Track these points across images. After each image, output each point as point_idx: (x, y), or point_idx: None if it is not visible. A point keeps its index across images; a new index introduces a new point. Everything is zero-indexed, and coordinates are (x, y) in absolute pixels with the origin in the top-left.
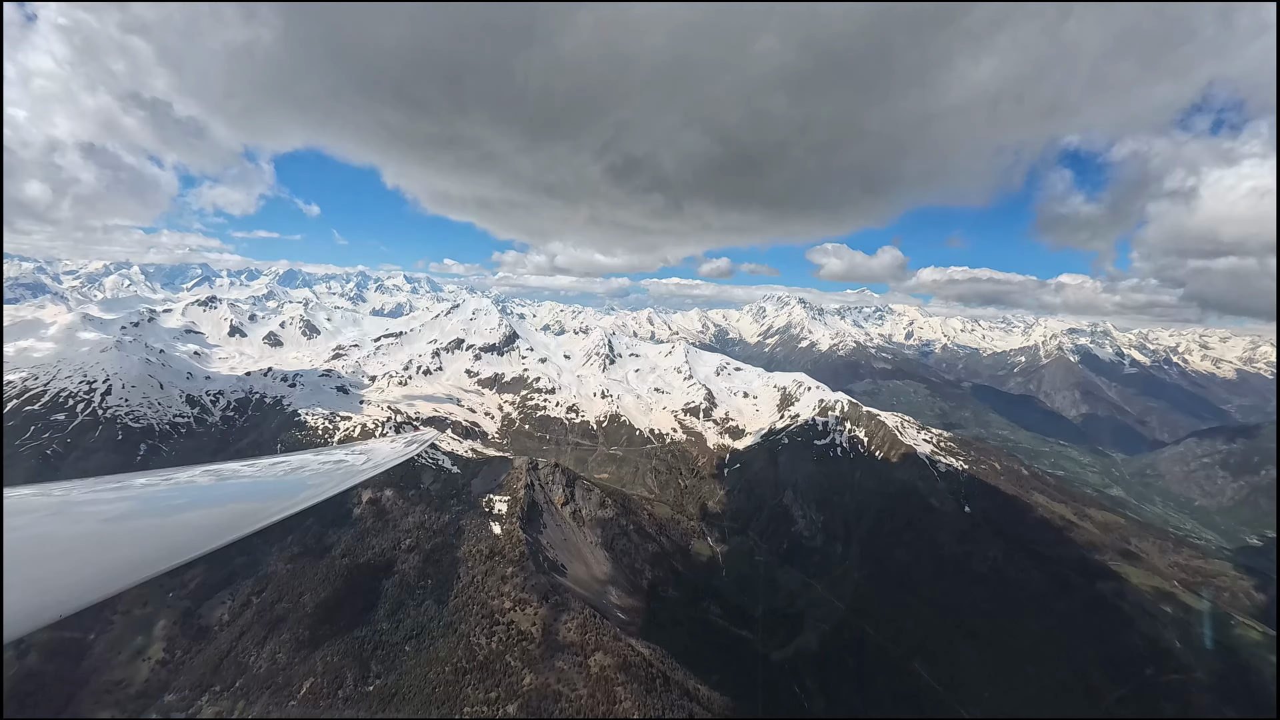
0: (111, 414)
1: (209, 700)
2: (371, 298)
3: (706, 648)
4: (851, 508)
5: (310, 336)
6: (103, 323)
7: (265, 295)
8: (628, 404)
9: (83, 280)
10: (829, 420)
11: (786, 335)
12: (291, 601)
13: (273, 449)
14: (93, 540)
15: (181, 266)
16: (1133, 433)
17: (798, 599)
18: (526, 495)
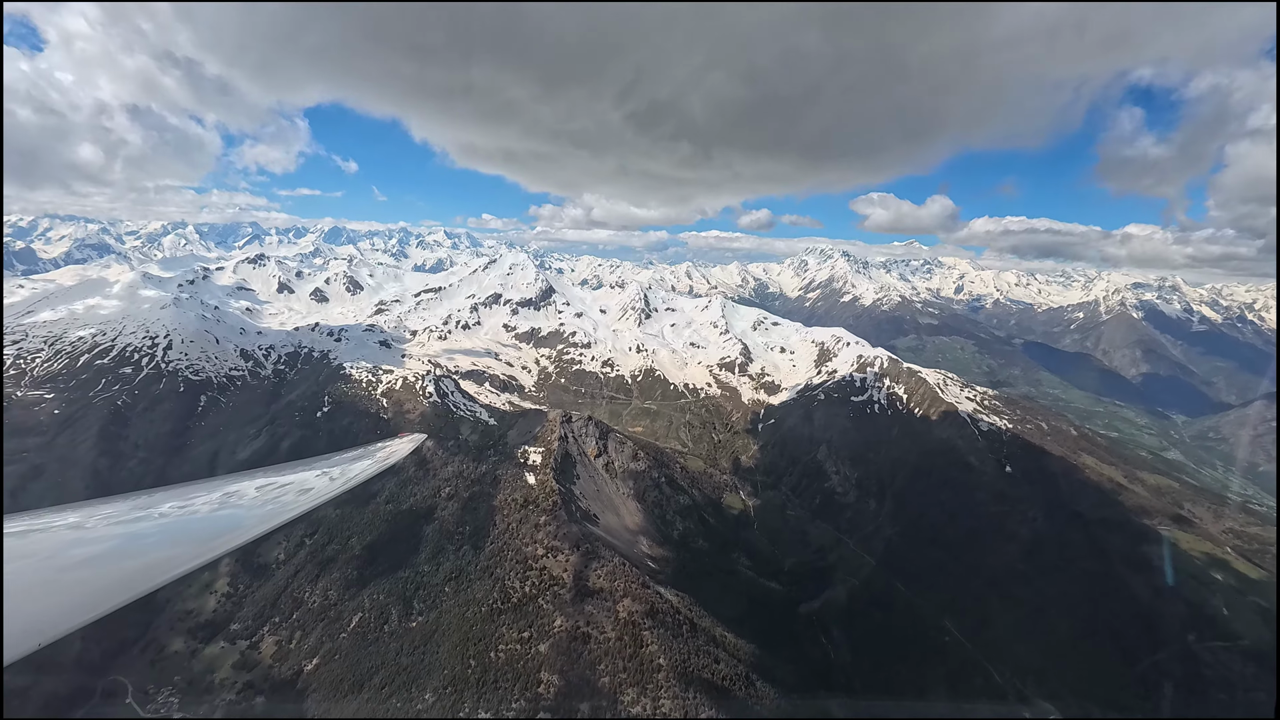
0: (173, 367)
1: (269, 630)
2: (413, 254)
3: (734, 597)
4: (886, 465)
5: (354, 292)
6: (161, 281)
7: (312, 252)
8: (663, 358)
9: (143, 240)
10: (867, 376)
11: (828, 289)
12: (340, 544)
13: (321, 402)
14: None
15: (233, 225)
16: (1197, 394)
17: (828, 553)
18: (560, 447)
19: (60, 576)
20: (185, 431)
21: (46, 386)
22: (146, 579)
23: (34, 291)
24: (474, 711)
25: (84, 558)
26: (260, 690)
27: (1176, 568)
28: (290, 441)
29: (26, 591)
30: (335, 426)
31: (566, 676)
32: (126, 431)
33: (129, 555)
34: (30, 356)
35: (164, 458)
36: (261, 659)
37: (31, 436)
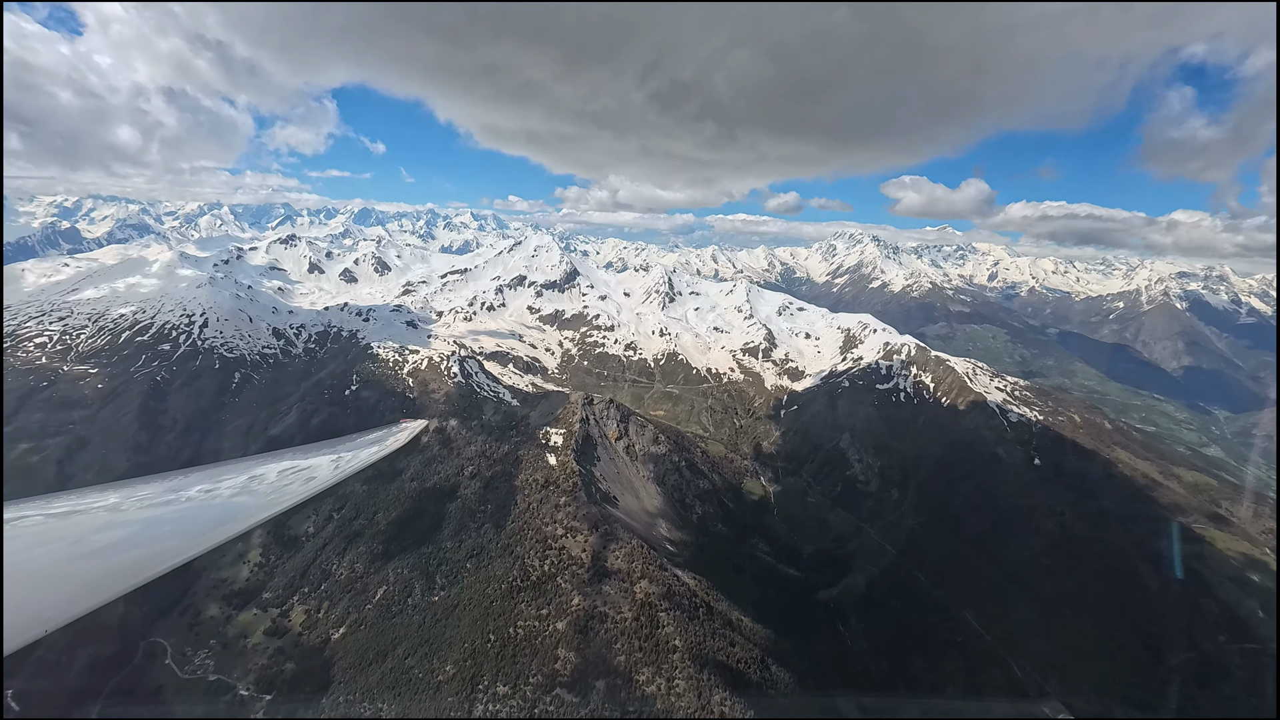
0: (209, 344)
1: (299, 599)
2: (440, 235)
3: (752, 582)
4: (911, 454)
5: (382, 273)
6: (198, 260)
7: (342, 233)
8: (686, 342)
9: (181, 221)
10: (893, 364)
11: (857, 275)
12: (367, 519)
13: (350, 380)
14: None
15: (266, 206)
16: (1241, 388)
17: (848, 541)
18: (581, 429)
19: (73, 565)
20: (220, 407)
21: (91, 362)
22: (149, 567)
23: (78, 270)
24: (492, 685)
25: (102, 544)
26: (290, 656)
27: (1212, 567)
28: (320, 418)
29: (44, 576)
30: (363, 405)
31: (583, 654)
32: (165, 406)
33: (138, 543)
34: (75, 332)
35: (200, 432)
36: (291, 626)
37: (77, 409)
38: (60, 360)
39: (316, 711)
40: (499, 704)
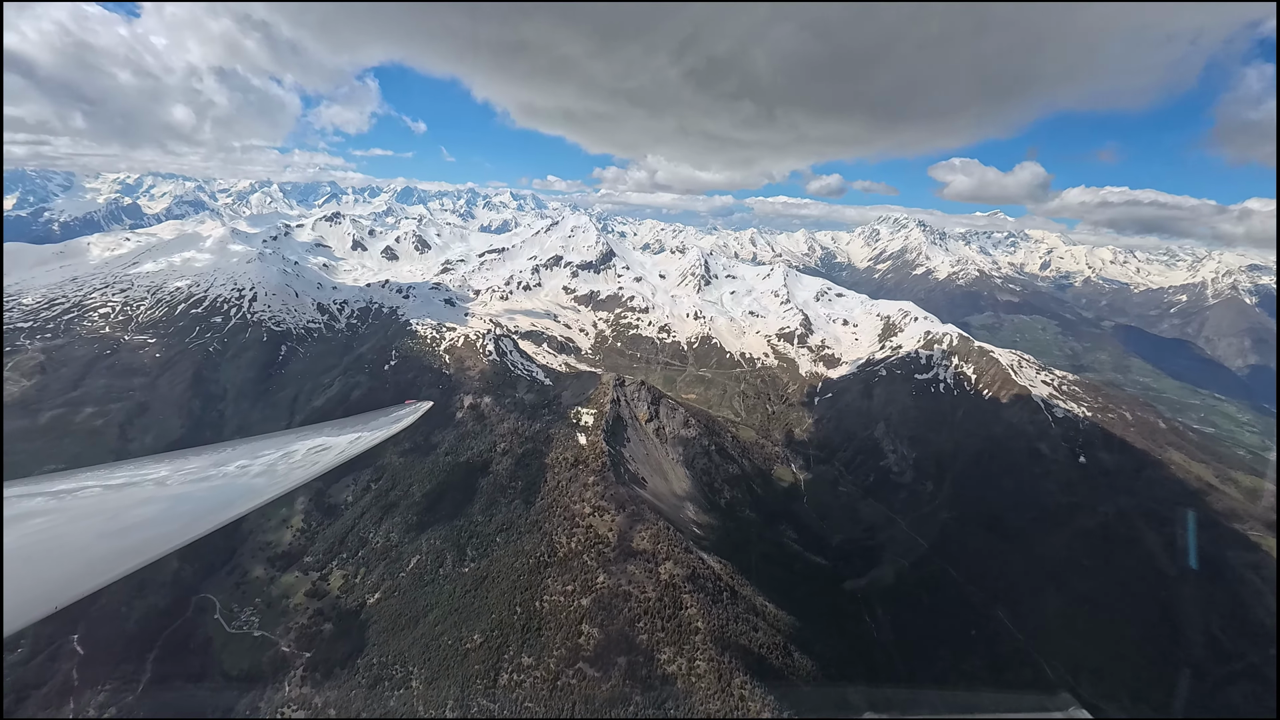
0: (258, 318)
1: (337, 564)
2: (480, 214)
3: (778, 569)
4: (948, 447)
5: (422, 251)
6: (248, 236)
7: (385, 212)
8: (720, 326)
9: (234, 198)
10: (934, 354)
11: (900, 261)
12: (403, 490)
13: (389, 355)
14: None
15: (313, 184)
16: None
17: (878, 532)
18: (612, 410)
19: (92, 541)
20: (267, 378)
21: (149, 332)
22: (155, 548)
23: (138, 245)
24: (518, 655)
25: (128, 523)
26: (329, 617)
27: (1265, 576)
28: (360, 392)
29: (71, 549)
30: (401, 379)
31: (606, 630)
32: (216, 376)
33: (156, 523)
34: (136, 304)
35: (249, 402)
36: (330, 590)
37: (137, 377)
38: (122, 330)
39: (351, 672)
40: (523, 674)
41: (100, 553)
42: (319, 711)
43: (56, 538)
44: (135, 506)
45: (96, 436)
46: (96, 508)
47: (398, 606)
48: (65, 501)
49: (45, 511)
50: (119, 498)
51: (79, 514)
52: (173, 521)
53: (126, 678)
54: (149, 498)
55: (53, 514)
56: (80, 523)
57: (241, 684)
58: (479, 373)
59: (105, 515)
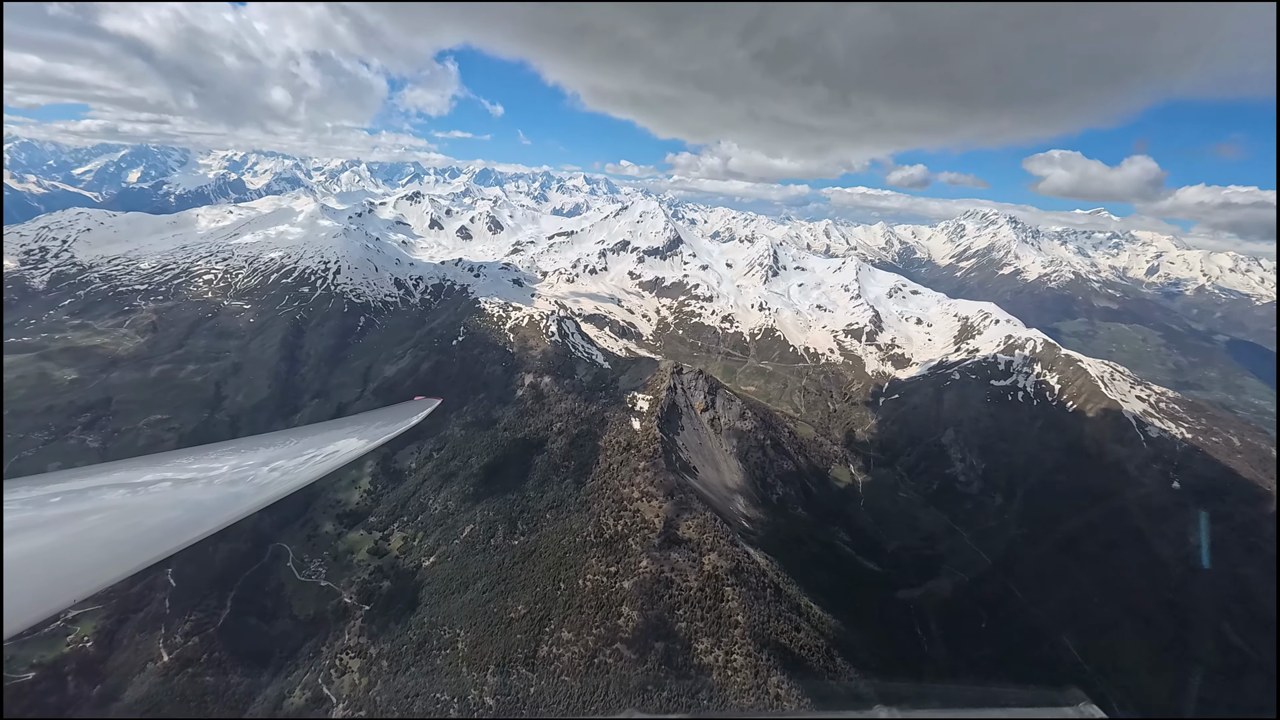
0: (340, 290)
1: (398, 527)
2: (553, 197)
3: (827, 570)
4: (1021, 459)
5: (495, 232)
6: (336, 213)
7: (462, 192)
8: (785, 319)
9: (326, 176)
10: (1014, 360)
11: (986, 259)
12: (462, 461)
13: (457, 331)
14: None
15: (398, 165)
16: None
17: (938, 543)
18: (668, 397)
19: (106, 537)
20: (346, 347)
21: (245, 298)
22: (162, 545)
23: (239, 217)
24: (558, 630)
25: (134, 521)
26: (387, 575)
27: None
28: (428, 365)
29: (87, 545)
30: (467, 355)
31: (645, 615)
32: (301, 342)
33: (165, 520)
34: (235, 272)
35: (328, 367)
36: (390, 549)
37: (233, 339)
38: (222, 295)
39: (404, 628)
40: (562, 648)
41: (112, 550)
42: (372, 662)
43: (74, 532)
44: (145, 504)
45: (196, 392)
46: (106, 504)
47: (450, 571)
48: (76, 501)
49: (59, 509)
50: (127, 496)
51: (93, 509)
52: (183, 518)
53: (209, 610)
54: (157, 496)
55: (70, 509)
56: (90, 518)
57: (307, 627)
58: (541, 353)
59: (115, 512)
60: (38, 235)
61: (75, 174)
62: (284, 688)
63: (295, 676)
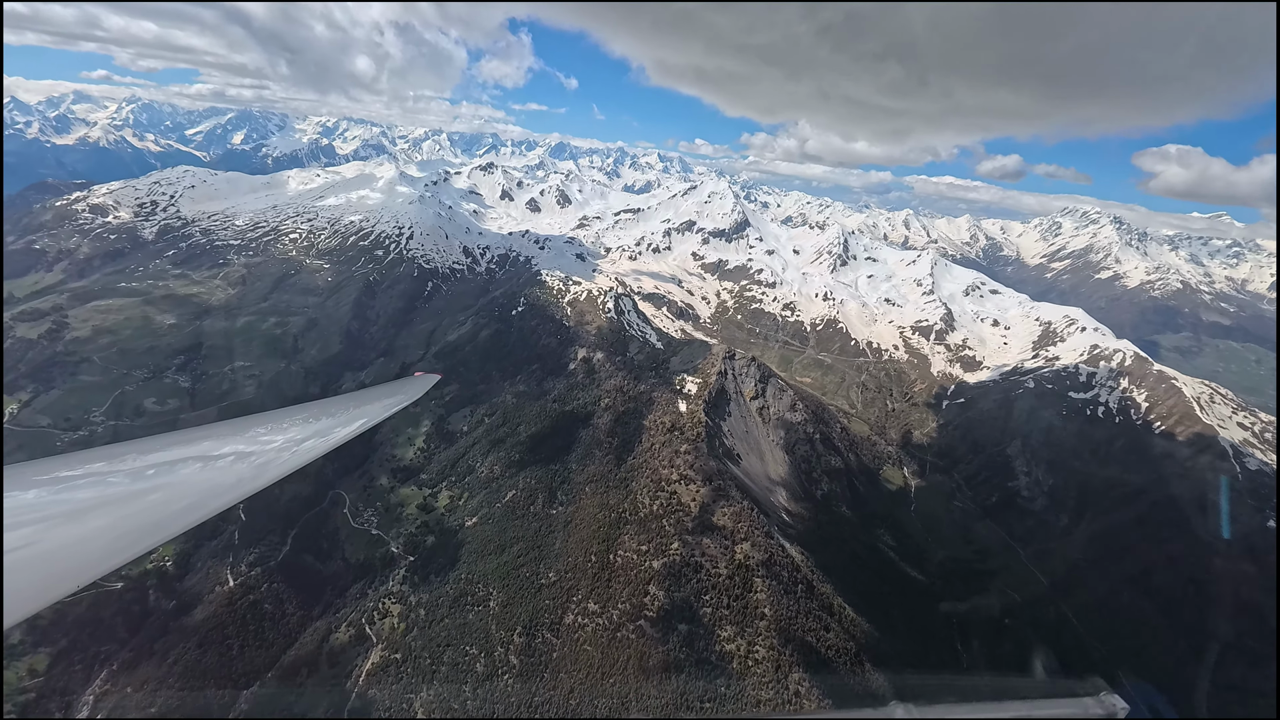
0: (411, 255)
1: (446, 486)
2: (625, 174)
3: (866, 573)
4: (1095, 479)
5: (563, 205)
6: (413, 180)
7: (536, 165)
8: (850, 310)
9: (409, 144)
10: (1098, 371)
11: (1081, 261)
12: (510, 428)
13: (517, 302)
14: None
15: (477, 135)
16: None
17: (990, 558)
18: (718, 382)
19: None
20: (413, 310)
21: (325, 258)
22: (163, 531)
23: (325, 181)
24: (585, 600)
25: (135, 508)
26: (433, 530)
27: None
28: (488, 333)
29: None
30: (525, 326)
31: (672, 596)
32: (373, 303)
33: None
34: (318, 232)
35: (395, 329)
36: (437, 507)
37: (311, 296)
38: (304, 254)
39: (442, 582)
40: (587, 619)
41: (104, 541)
42: (411, 609)
43: (69, 522)
44: (148, 488)
45: (275, 343)
46: (101, 496)
47: (490, 533)
48: (63, 492)
49: (47, 501)
50: (127, 481)
51: (82, 503)
52: (181, 502)
53: (272, 545)
54: (163, 479)
55: (64, 499)
56: (82, 512)
57: (356, 570)
58: (596, 328)
59: (112, 501)
60: (149, 190)
61: (188, 134)
62: (331, 624)
63: (342, 614)
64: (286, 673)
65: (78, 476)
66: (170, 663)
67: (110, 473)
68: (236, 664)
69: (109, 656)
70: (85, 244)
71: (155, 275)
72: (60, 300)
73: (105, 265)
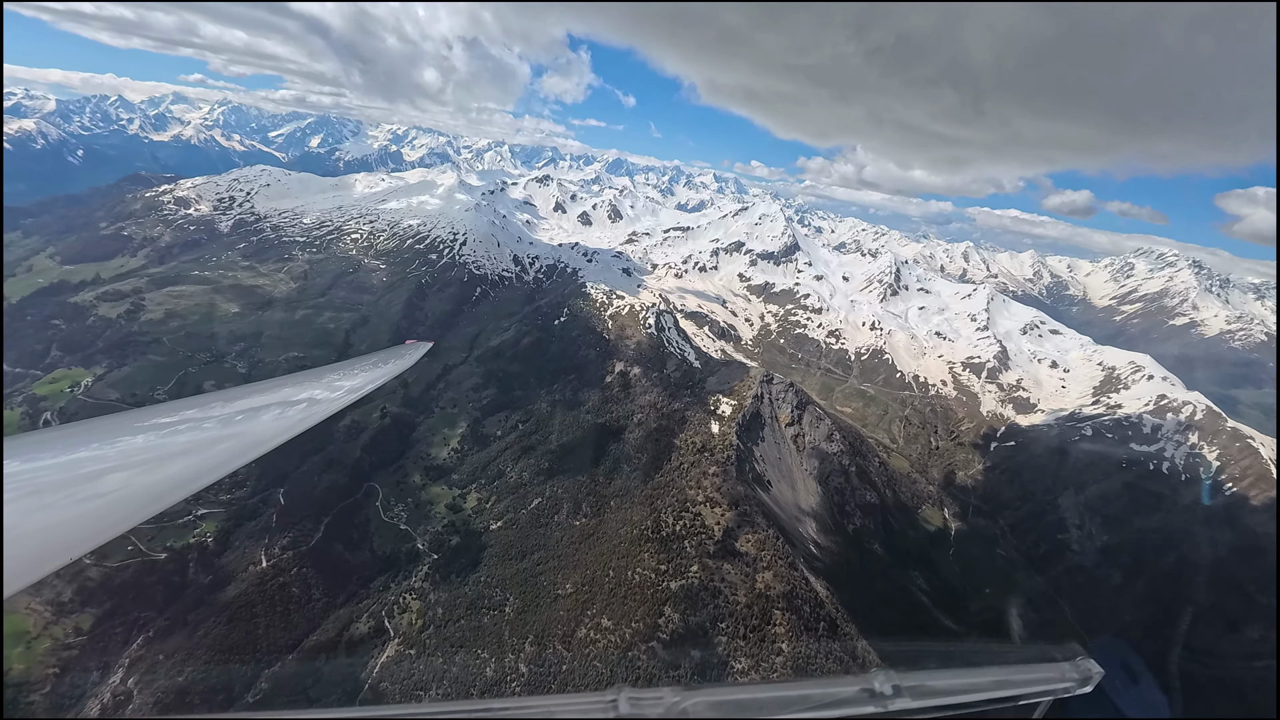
0: (463, 260)
1: (475, 488)
2: (680, 192)
3: (896, 616)
4: (1156, 539)
5: (614, 220)
6: (472, 188)
7: (593, 180)
8: (897, 342)
9: (473, 154)
10: (1164, 424)
11: (1155, 306)
12: (543, 436)
13: (560, 312)
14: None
15: (537, 148)
16: None
17: (1033, 611)
18: (753, 405)
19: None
20: (459, 313)
21: (382, 259)
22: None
23: (388, 186)
24: (599, 615)
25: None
26: (458, 531)
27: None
28: (529, 340)
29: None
30: (566, 336)
31: (687, 620)
32: (423, 304)
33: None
34: (377, 234)
35: (441, 330)
36: (465, 508)
37: (366, 294)
38: (363, 254)
39: (462, 583)
40: (600, 634)
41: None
42: (430, 606)
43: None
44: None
45: (329, 336)
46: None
47: (512, 538)
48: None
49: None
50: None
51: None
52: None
53: (306, 531)
54: (149, 450)
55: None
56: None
57: (382, 563)
58: (635, 343)
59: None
60: (229, 186)
61: (270, 136)
62: (353, 613)
63: (364, 605)
64: (307, 656)
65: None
66: (200, 635)
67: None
68: (261, 642)
69: (147, 623)
70: (168, 233)
71: (226, 266)
72: (140, 284)
73: (183, 253)
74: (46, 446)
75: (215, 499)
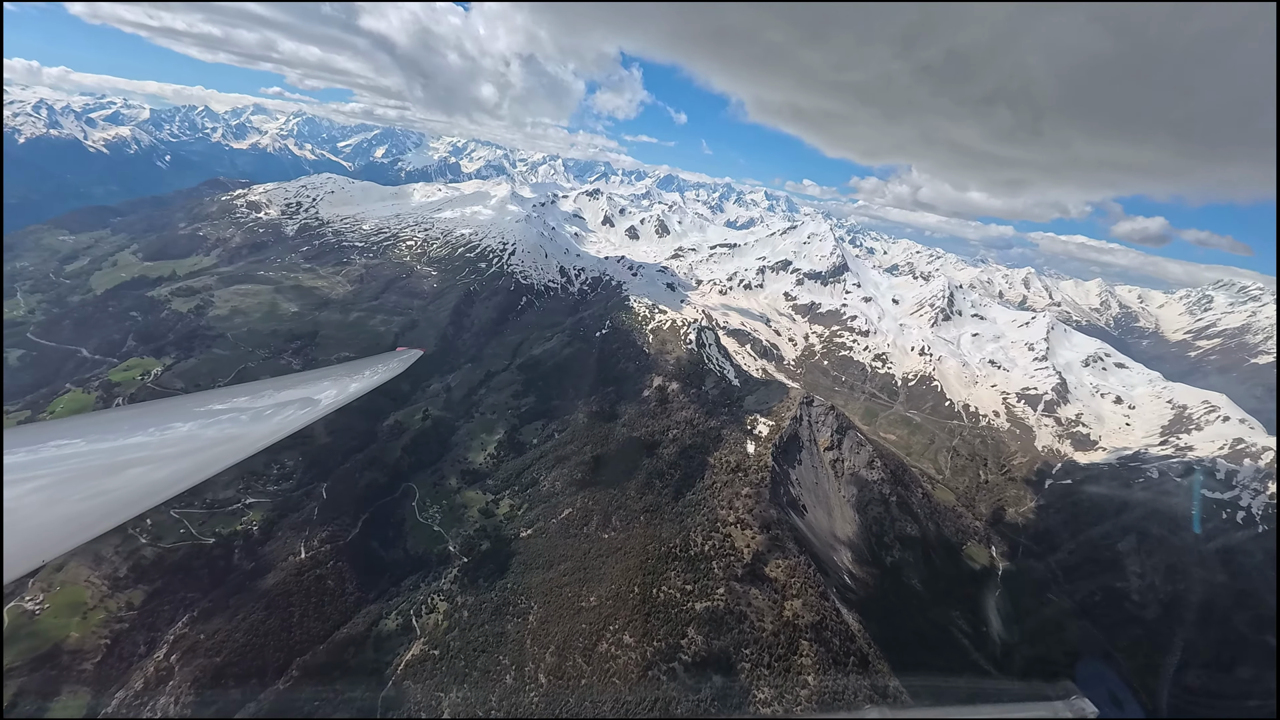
0: (511, 270)
1: (508, 495)
2: (729, 209)
3: (932, 657)
4: (1224, 596)
5: (661, 235)
6: (524, 200)
7: (643, 195)
8: (948, 369)
9: (528, 167)
10: (1240, 470)
11: (1236, 341)
12: (577, 447)
13: (603, 324)
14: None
15: (590, 163)
16: None
17: (1083, 664)
18: (791, 427)
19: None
20: (504, 322)
21: (434, 266)
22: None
23: (445, 196)
24: (622, 631)
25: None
26: (489, 536)
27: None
28: (571, 350)
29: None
30: (606, 348)
31: (710, 643)
32: (470, 311)
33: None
34: (431, 242)
35: (486, 337)
36: (497, 514)
37: (417, 300)
38: (416, 260)
39: (489, 588)
40: (620, 650)
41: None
42: (456, 609)
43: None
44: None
45: (379, 339)
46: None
47: (541, 547)
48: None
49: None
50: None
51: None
52: (165, 469)
53: (344, 526)
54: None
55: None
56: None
57: (414, 562)
58: (675, 359)
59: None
60: (297, 192)
61: (339, 146)
62: (383, 609)
63: (394, 603)
64: (336, 648)
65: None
66: (240, 619)
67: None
68: (295, 631)
69: (192, 603)
70: (239, 234)
71: (288, 267)
72: (210, 281)
73: (250, 254)
74: (49, 436)
75: (264, 489)
